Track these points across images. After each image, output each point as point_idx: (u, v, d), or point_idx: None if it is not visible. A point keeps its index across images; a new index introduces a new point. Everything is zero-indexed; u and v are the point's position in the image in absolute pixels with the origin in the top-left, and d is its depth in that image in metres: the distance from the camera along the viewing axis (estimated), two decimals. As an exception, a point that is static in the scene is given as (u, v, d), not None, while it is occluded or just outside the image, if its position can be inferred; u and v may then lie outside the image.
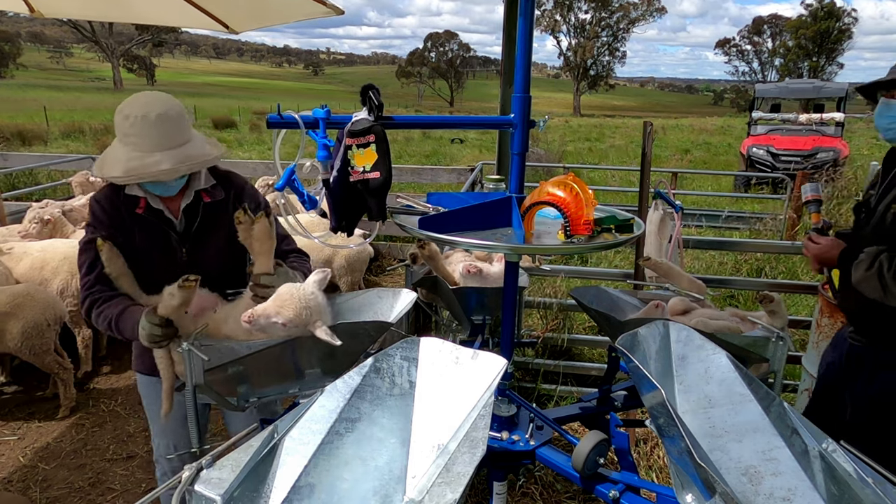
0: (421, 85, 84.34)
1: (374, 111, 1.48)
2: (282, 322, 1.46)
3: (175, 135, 1.70)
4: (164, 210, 1.86)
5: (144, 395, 2.14)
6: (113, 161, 1.69)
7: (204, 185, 1.90)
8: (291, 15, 3.14)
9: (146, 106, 1.68)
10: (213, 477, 1.02)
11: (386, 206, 1.57)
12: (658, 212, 2.65)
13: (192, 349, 1.46)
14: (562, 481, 2.94)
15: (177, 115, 1.72)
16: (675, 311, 1.95)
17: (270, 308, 1.47)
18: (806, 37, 55.23)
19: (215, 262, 1.91)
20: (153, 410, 2.12)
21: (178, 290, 1.51)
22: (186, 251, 1.88)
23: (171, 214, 1.87)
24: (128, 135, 1.68)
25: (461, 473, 1.00)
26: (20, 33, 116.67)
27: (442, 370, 1.20)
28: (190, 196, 1.87)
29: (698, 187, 12.98)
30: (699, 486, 1.10)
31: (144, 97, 1.72)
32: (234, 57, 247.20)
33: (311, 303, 1.49)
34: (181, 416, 1.97)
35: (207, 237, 1.91)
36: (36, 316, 3.46)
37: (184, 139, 1.73)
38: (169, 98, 1.74)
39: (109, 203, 1.84)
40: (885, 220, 1.89)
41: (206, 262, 1.90)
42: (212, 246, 1.91)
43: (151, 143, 1.66)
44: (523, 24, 1.59)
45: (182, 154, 1.70)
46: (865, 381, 2.00)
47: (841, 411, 2.09)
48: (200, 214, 1.89)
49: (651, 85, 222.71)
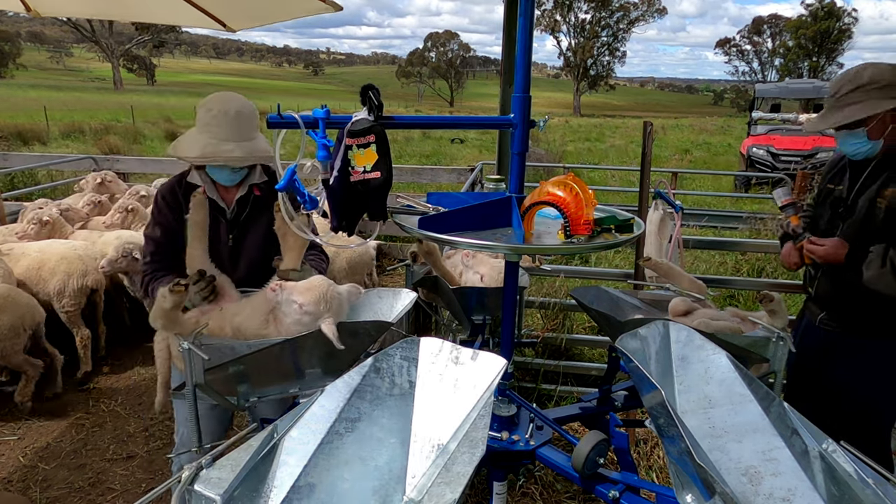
0: (421, 85, 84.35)
1: (374, 111, 1.47)
2: (300, 303, 1.52)
3: (247, 130, 1.95)
4: (218, 199, 2.07)
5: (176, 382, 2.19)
6: (190, 144, 1.92)
7: (258, 180, 2.11)
8: (289, 12, 3.14)
9: (228, 102, 1.94)
10: (212, 476, 1.02)
11: (386, 206, 1.57)
12: (658, 212, 2.65)
13: (193, 348, 1.47)
14: (562, 481, 2.94)
15: (250, 114, 1.98)
16: (677, 312, 1.95)
17: (298, 287, 1.55)
18: (806, 37, 55.21)
19: (256, 249, 2.12)
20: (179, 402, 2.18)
21: (169, 294, 1.54)
22: (233, 237, 2.09)
23: (223, 204, 2.09)
24: (208, 125, 1.91)
25: (461, 473, 1.00)
26: (20, 33, 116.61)
27: (442, 370, 1.20)
28: (245, 189, 2.09)
29: (698, 187, 12.98)
30: (699, 486, 1.10)
31: (227, 95, 1.99)
32: (234, 57, 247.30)
33: (333, 300, 1.57)
34: (209, 406, 2.12)
35: (252, 226, 2.12)
36: (13, 320, 3.45)
37: (253, 135, 1.98)
38: (246, 99, 2.00)
39: (171, 194, 2.08)
40: (875, 216, 1.93)
41: (248, 247, 2.12)
42: (255, 235, 2.12)
43: (227, 133, 1.91)
44: (523, 24, 1.59)
45: (251, 146, 1.95)
46: (839, 365, 2.10)
47: (818, 397, 2.16)
48: (250, 206, 2.11)
49: (651, 85, 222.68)
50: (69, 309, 3.91)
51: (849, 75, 1.94)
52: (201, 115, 1.96)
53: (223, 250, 2.07)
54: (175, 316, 1.60)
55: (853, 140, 1.95)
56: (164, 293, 1.56)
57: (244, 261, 2.12)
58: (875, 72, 1.88)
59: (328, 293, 1.57)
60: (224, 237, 2.09)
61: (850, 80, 1.93)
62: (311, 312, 1.53)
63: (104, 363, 4.34)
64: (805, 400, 2.17)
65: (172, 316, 1.59)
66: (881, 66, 1.90)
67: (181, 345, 1.48)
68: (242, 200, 2.10)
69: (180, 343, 1.48)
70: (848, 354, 2.08)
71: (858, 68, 1.94)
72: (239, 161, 1.94)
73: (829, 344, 2.14)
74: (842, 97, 1.94)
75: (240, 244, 2.12)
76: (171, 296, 1.54)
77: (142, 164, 8.04)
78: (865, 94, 1.89)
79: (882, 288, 1.90)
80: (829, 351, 2.14)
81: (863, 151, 1.97)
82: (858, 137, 1.94)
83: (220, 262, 2.02)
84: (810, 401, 2.14)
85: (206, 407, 2.15)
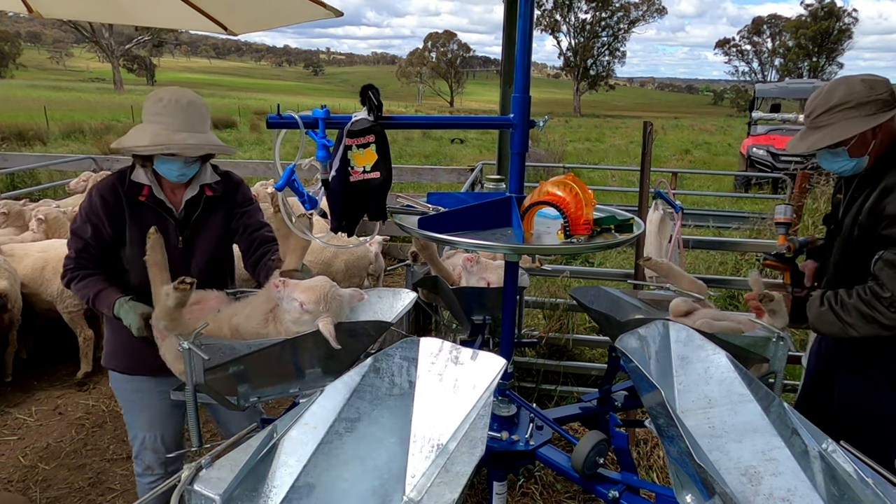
0: (421, 85, 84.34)
1: (374, 111, 1.47)
2: (301, 301, 1.52)
3: (200, 122, 1.90)
4: (165, 200, 1.99)
5: (119, 391, 2.20)
6: (138, 135, 1.85)
7: (209, 179, 2.05)
8: (290, 17, 3.14)
9: (178, 93, 1.88)
10: (212, 476, 1.02)
11: (386, 206, 1.57)
12: (658, 212, 2.65)
13: (193, 348, 1.46)
14: (562, 481, 2.94)
15: (203, 106, 1.93)
16: (678, 313, 1.94)
17: (300, 285, 1.55)
18: (806, 37, 55.20)
19: (208, 251, 2.08)
20: (132, 406, 2.18)
21: (173, 292, 1.53)
22: (183, 239, 2.03)
23: (171, 204, 2.01)
24: (158, 114, 1.85)
25: (460, 473, 1.00)
26: (20, 33, 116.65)
27: (441, 370, 1.20)
28: (195, 188, 2.02)
29: (698, 187, 12.99)
30: (699, 486, 1.10)
31: (176, 88, 1.93)
32: (234, 57, 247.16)
33: (333, 301, 1.57)
34: (166, 408, 2.14)
35: (204, 227, 2.07)
36: None
37: (206, 129, 1.93)
38: (196, 93, 1.95)
39: (111, 192, 1.95)
40: (853, 234, 1.87)
41: (200, 249, 2.06)
42: (207, 236, 2.07)
43: (180, 123, 1.85)
44: (522, 24, 1.59)
45: (205, 138, 1.90)
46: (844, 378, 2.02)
47: (829, 406, 2.09)
48: (202, 206, 2.04)
49: (651, 85, 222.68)
50: (72, 310, 3.91)
51: (820, 96, 1.87)
52: (150, 107, 1.87)
53: (173, 252, 1.95)
54: (179, 315, 1.59)
55: (836, 159, 1.89)
56: (168, 291, 1.53)
57: (196, 263, 2.05)
58: (845, 91, 1.80)
59: (329, 294, 1.56)
60: (173, 239, 2.00)
61: (821, 101, 1.85)
62: (310, 311, 1.53)
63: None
64: (821, 409, 2.11)
65: (176, 315, 1.58)
66: (852, 82, 1.82)
67: (181, 345, 1.48)
68: (193, 201, 2.02)
69: (180, 343, 1.48)
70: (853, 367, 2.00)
71: (830, 87, 1.86)
72: (194, 150, 1.85)
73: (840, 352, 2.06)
74: (815, 119, 1.87)
75: (191, 246, 2.04)
76: (174, 294, 1.52)
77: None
78: (837, 116, 1.82)
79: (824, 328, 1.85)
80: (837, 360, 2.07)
81: (849, 169, 1.90)
82: (840, 156, 1.87)
83: (170, 264, 1.90)
84: (826, 410, 2.08)
85: (166, 409, 2.14)
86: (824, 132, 1.84)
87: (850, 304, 1.77)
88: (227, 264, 2.23)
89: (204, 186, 2.03)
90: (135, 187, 1.95)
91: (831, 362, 2.09)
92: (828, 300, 1.83)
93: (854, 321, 1.76)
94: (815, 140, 1.85)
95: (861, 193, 1.89)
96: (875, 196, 1.80)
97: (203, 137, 1.88)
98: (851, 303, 1.77)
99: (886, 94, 1.79)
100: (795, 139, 1.96)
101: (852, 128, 1.79)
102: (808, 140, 1.88)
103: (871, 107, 1.78)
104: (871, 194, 1.82)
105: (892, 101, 1.80)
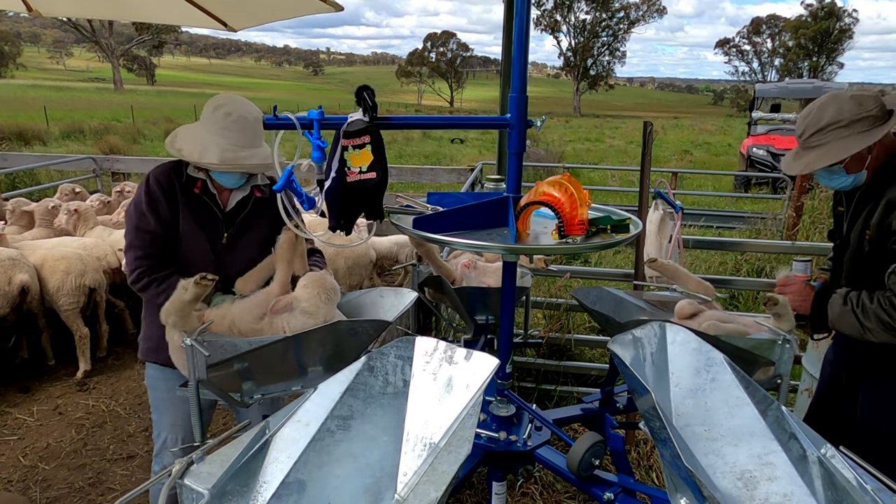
0: (421, 85, 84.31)
1: (369, 112, 1.48)
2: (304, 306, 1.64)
3: (259, 137, 1.95)
4: (216, 194, 2.03)
5: (153, 388, 2.17)
6: (203, 147, 1.87)
7: (260, 181, 2.11)
8: (290, 11, 3.13)
9: (245, 107, 1.91)
10: (202, 471, 1.03)
11: (382, 205, 1.58)
12: (658, 212, 2.64)
13: (195, 344, 1.47)
14: (561, 481, 2.94)
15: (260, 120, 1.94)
16: (684, 315, 1.92)
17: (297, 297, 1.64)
18: (806, 37, 55.16)
19: (252, 250, 2.07)
20: (160, 404, 2.16)
21: (192, 286, 1.52)
22: (228, 235, 2.05)
23: (220, 200, 2.05)
24: (226, 129, 1.87)
25: (445, 472, 1.01)
26: (20, 33, 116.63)
27: (436, 369, 1.20)
28: (247, 189, 2.06)
29: (698, 187, 12.98)
30: (692, 489, 1.09)
31: (241, 99, 1.96)
32: (234, 57, 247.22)
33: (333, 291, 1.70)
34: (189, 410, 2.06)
35: (250, 227, 2.10)
36: None
37: (262, 142, 1.97)
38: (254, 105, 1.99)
39: (168, 180, 1.98)
40: (862, 248, 1.86)
41: (243, 248, 2.08)
42: (252, 235, 2.10)
43: (246, 140, 1.89)
44: (519, 24, 1.59)
45: (263, 153, 1.93)
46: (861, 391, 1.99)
47: (844, 416, 2.07)
48: (251, 206, 2.08)
49: (651, 85, 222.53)
50: (67, 308, 3.92)
51: (810, 115, 1.84)
52: (216, 118, 1.88)
53: (218, 247, 2.02)
54: (190, 311, 1.58)
55: (833, 177, 1.87)
56: (187, 285, 1.52)
57: (238, 260, 2.05)
58: (835, 111, 1.78)
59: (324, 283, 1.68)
60: (220, 234, 2.04)
61: (812, 121, 1.83)
62: (311, 312, 1.57)
63: (104, 363, 4.35)
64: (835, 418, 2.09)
65: (188, 310, 1.57)
66: (842, 100, 1.78)
67: (184, 341, 1.48)
68: (243, 201, 2.07)
69: (183, 339, 1.49)
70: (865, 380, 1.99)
71: (819, 106, 1.83)
72: (257, 168, 1.92)
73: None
74: (808, 139, 1.85)
75: (235, 244, 2.07)
76: (194, 288, 1.51)
77: (142, 163, 8.03)
78: (830, 135, 1.80)
79: (843, 328, 1.84)
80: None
81: (848, 184, 1.88)
82: (838, 174, 1.86)
83: (214, 258, 2.00)
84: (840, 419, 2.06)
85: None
86: (818, 152, 1.82)
87: (871, 309, 1.76)
88: None
89: (253, 188, 2.07)
90: (191, 180, 1.99)
91: (848, 373, 2.06)
92: (850, 301, 1.82)
93: (873, 326, 1.75)
94: (810, 161, 1.84)
95: (864, 208, 1.87)
96: (880, 211, 1.79)
97: (264, 155, 1.92)
98: (872, 308, 1.76)
99: (876, 109, 1.76)
100: (790, 159, 1.94)
101: (847, 147, 1.77)
102: (803, 161, 1.86)
103: (863, 124, 1.76)
104: (875, 209, 1.81)
105: (882, 115, 1.77)
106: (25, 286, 3.74)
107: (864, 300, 1.78)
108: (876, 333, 1.76)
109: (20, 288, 3.72)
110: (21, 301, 3.77)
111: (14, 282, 3.69)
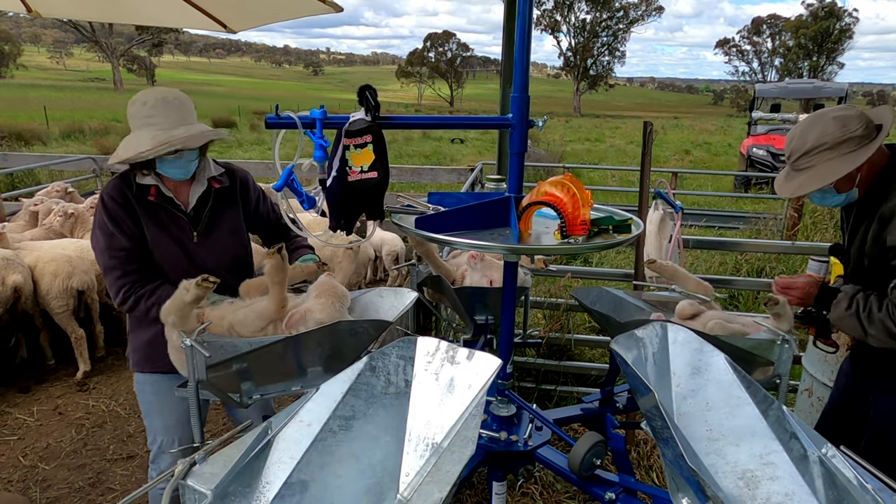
0: (421, 85, 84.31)
1: (371, 111, 1.48)
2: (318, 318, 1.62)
3: (190, 115, 1.89)
4: (173, 197, 1.97)
5: (141, 394, 2.16)
6: (136, 142, 1.80)
7: (214, 172, 2.04)
8: (290, 12, 3.12)
9: (162, 92, 1.86)
10: (205, 472, 1.03)
11: (383, 205, 1.58)
12: (658, 212, 2.64)
13: (195, 345, 1.47)
14: (562, 481, 2.93)
15: (187, 100, 1.90)
16: (685, 315, 1.92)
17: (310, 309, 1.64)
18: (806, 36, 55.16)
19: (224, 243, 2.07)
20: (151, 409, 2.15)
21: (194, 287, 1.51)
22: (198, 234, 2.00)
23: (180, 201, 1.99)
24: (149, 116, 1.81)
25: (449, 472, 1.00)
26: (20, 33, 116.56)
27: (438, 369, 1.20)
28: (203, 182, 2.00)
29: (698, 187, 12.98)
30: (694, 488, 1.09)
31: (156, 88, 1.90)
32: (233, 57, 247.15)
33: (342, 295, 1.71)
34: (183, 411, 2.07)
35: (219, 221, 2.05)
36: None
37: (195, 120, 1.91)
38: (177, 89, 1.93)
39: (121, 194, 1.91)
40: (862, 263, 1.86)
41: (215, 242, 2.04)
42: (222, 227, 2.06)
43: (173, 120, 1.82)
44: (521, 24, 1.59)
45: (200, 128, 1.87)
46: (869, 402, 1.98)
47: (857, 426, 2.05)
48: (212, 198, 2.03)
49: (651, 85, 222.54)
50: (58, 310, 3.92)
51: (795, 138, 1.85)
52: (137, 111, 1.83)
53: (189, 247, 1.97)
54: (190, 311, 1.58)
55: (825, 196, 1.88)
56: (189, 286, 1.52)
57: (213, 255, 2.03)
58: (819, 134, 1.78)
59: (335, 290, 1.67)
60: (189, 235, 1.98)
61: (797, 145, 1.83)
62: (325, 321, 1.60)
63: (104, 363, 4.34)
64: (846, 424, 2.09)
65: (187, 311, 1.57)
66: (825, 122, 1.77)
67: (184, 342, 1.48)
68: (203, 196, 2.01)
69: (183, 340, 1.49)
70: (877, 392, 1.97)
71: (803, 129, 1.83)
72: (198, 140, 1.83)
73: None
74: (795, 162, 1.86)
75: (207, 240, 2.02)
76: (195, 289, 1.51)
77: (142, 164, 8.02)
78: (816, 158, 1.80)
79: (842, 328, 1.85)
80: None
81: (840, 202, 1.89)
82: (829, 193, 1.86)
83: (188, 259, 1.96)
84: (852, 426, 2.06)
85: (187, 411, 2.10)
86: (806, 176, 1.83)
87: (877, 317, 1.74)
88: (246, 257, 2.21)
89: (211, 180, 2.02)
90: (142, 189, 1.92)
91: (862, 384, 2.05)
92: (857, 303, 1.80)
93: (877, 333, 1.74)
94: (799, 184, 1.84)
95: (861, 224, 1.87)
96: (874, 227, 1.79)
97: (198, 128, 1.86)
98: (879, 316, 1.74)
99: (861, 128, 1.76)
100: (781, 180, 1.95)
101: (833, 170, 1.77)
102: (793, 184, 1.87)
103: (849, 145, 1.76)
104: (870, 225, 1.81)
105: (868, 133, 1.77)
106: (18, 287, 3.71)
107: (872, 307, 1.77)
108: (879, 339, 1.75)
109: (13, 288, 3.69)
110: (15, 302, 3.75)
111: (7, 282, 3.68)
